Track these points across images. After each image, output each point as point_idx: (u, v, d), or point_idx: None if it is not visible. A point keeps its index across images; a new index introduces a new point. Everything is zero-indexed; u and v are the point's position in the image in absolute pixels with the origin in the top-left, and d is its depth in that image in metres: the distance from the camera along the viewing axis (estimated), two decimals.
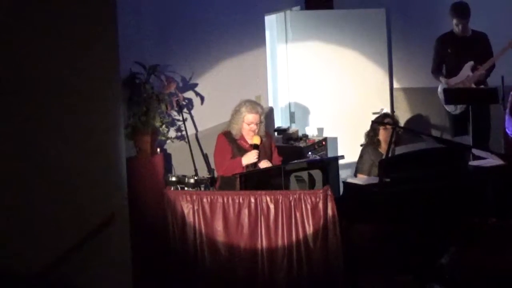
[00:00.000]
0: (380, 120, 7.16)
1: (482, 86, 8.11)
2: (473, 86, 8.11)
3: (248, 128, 6.55)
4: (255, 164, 6.49)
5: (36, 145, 3.33)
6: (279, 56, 9.03)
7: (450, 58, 8.30)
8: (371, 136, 7.11)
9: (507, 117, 7.67)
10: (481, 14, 8.39)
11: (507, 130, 7.68)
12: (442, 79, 8.26)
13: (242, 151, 6.55)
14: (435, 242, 6.13)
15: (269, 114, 8.52)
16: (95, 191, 3.91)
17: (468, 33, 8.27)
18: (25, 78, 3.23)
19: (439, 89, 8.36)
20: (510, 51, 8.05)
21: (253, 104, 6.63)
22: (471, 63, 8.14)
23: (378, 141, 7.13)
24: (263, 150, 6.60)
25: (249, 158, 6.48)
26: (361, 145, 7.32)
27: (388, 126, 6.98)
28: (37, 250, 3.30)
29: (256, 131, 6.56)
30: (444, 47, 8.32)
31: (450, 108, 8.29)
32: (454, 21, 8.22)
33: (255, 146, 6.50)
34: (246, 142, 6.59)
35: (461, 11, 8.16)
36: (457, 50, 8.24)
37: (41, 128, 3.37)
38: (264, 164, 6.51)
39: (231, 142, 6.57)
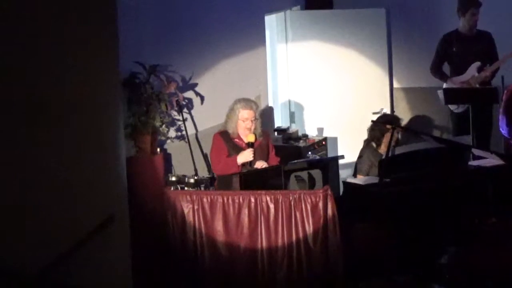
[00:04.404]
0: (385, 121, 7.09)
1: (487, 87, 8.10)
2: (478, 86, 8.10)
3: (244, 125, 6.54)
4: (251, 163, 6.48)
5: (36, 145, 3.33)
6: (279, 56, 9.03)
7: (455, 57, 8.29)
8: (377, 137, 7.03)
9: (500, 116, 7.65)
10: (488, 16, 8.37)
11: (501, 129, 7.66)
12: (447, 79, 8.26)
13: (238, 149, 6.54)
14: (435, 242, 6.14)
15: (269, 114, 8.52)
16: (95, 191, 3.91)
17: (474, 31, 8.26)
18: (24, 78, 3.23)
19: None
20: None
21: (247, 101, 6.65)
22: (478, 63, 8.14)
23: (381, 142, 7.09)
24: (259, 149, 6.58)
25: (245, 156, 6.47)
26: (365, 141, 7.23)
27: (389, 126, 6.95)
28: (37, 250, 3.30)
29: (252, 128, 6.55)
30: (449, 45, 8.30)
31: (452, 106, 8.27)
32: (468, 13, 8.16)
33: (250, 144, 6.50)
34: (242, 140, 6.58)
35: None
36: (462, 49, 8.23)
37: (40, 128, 3.37)
38: (260, 164, 6.50)
39: (227, 141, 6.56)
